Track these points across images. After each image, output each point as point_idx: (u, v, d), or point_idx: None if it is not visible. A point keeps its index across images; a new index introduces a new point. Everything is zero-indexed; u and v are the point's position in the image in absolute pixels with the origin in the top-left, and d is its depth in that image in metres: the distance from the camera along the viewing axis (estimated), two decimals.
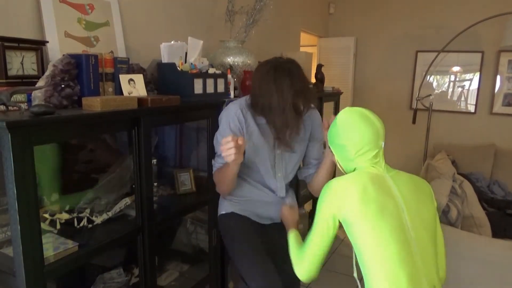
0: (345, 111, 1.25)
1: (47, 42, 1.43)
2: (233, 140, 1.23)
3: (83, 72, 1.38)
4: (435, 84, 4.03)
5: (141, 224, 1.47)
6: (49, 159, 1.43)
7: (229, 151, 1.24)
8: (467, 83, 3.90)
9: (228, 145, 1.23)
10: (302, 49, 3.81)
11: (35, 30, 1.44)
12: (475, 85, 3.85)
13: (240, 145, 1.25)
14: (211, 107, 1.79)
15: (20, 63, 1.30)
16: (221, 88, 1.90)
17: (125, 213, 1.52)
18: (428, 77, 3.99)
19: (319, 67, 3.22)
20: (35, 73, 1.35)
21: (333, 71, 4.18)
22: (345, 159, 1.26)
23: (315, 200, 3.52)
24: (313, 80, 3.21)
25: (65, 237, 1.29)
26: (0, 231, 1.23)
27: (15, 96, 1.16)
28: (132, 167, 1.45)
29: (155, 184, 1.72)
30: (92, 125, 1.28)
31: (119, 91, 1.52)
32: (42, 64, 1.38)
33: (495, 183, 3.47)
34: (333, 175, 1.45)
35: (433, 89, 4.04)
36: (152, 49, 1.91)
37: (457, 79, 3.94)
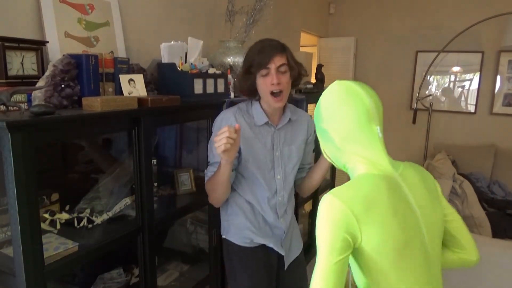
0: (330, 86, 1.03)
1: (47, 42, 1.43)
2: (228, 130, 1.15)
3: (83, 72, 1.38)
4: (435, 84, 4.03)
5: (141, 224, 1.47)
6: (49, 159, 1.43)
7: (222, 140, 1.15)
8: (467, 83, 3.90)
9: (223, 135, 1.16)
10: (302, 49, 3.81)
11: (35, 30, 1.44)
12: (475, 85, 3.85)
13: (235, 135, 1.17)
14: (211, 107, 1.79)
15: (20, 63, 1.30)
16: (221, 88, 1.90)
17: (125, 213, 1.52)
18: (428, 77, 4.00)
19: (319, 67, 3.22)
20: (35, 73, 1.35)
21: (333, 71, 4.18)
22: (331, 148, 1.02)
23: (315, 200, 3.52)
24: (313, 80, 3.21)
25: (65, 237, 1.29)
26: (0, 231, 1.23)
27: (15, 96, 1.16)
28: (132, 167, 1.45)
29: (155, 184, 1.72)
30: (92, 125, 1.28)
31: (119, 91, 1.52)
32: (42, 64, 1.38)
33: (495, 183, 3.47)
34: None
35: (433, 89, 4.04)
36: (152, 49, 1.91)
37: (457, 79, 3.94)
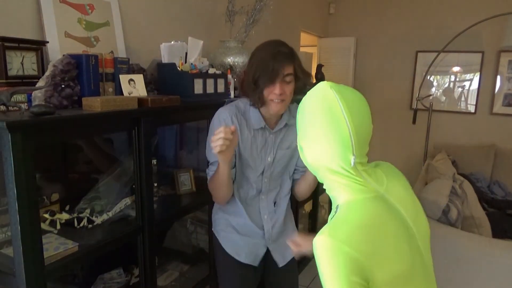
0: (313, 95, 0.87)
1: (47, 42, 1.43)
2: (224, 131, 1.14)
3: (83, 72, 1.38)
4: (435, 84, 4.03)
5: (141, 224, 1.47)
6: (49, 159, 1.43)
7: (218, 141, 1.14)
8: (467, 83, 3.90)
9: (219, 135, 1.15)
10: (302, 49, 3.81)
11: (35, 30, 1.44)
12: (475, 85, 3.85)
13: (231, 136, 1.16)
14: (211, 107, 1.78)
15: (20, 63, 1.30)
16: (221, 88, 1.90)
17: (125, 213, 1.52)
18: (428, 77, 3.99)
19: (319, 67, 3.22)
20: (35, 73, 1.35)
21: (333, 71, 4.18)
22: (307, 163, 0.93)
23: (315, 200, 3.51)
24: (313, 80, 3.21)
25: (65, 237, 1.29)
26: (0, 231, 1.23)
27: (15, 96, 1.16)
28: (132, 167, 1.45)
29: (155, 184, 1.72)
30: (92, 125, 1.28)
31: (119, 91, 1.52)
32: (42, 64, 1.38)
33: (495, 184, 3.47)
34: None
35: (433, 89, 4.04)
36: (152, 49, 1.91)
37: (457, 79, 3.94)
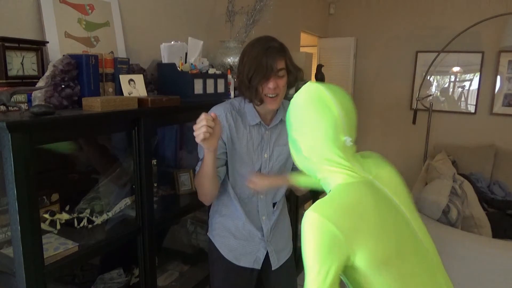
0: (301, 92, 0.96)
1: (47, 42, 1.43)
2: (206, 119, 1.13)
3: (83, 72, 1.38)
4: (435, 84, 4.03)
5: (141, 224, 1.47)
6: (49, 159, 1.43)
7: (200, 129, 1.13)
8: (467, 84, 3.90)
9: (201, 123, 1.14)
10: (302, 49, 3.81)
11: (35, 30, 1.44)
12: (475, 85, 3.85)
13: (213, 123, 1.15)
14: (211, 107, 1.79)
15: (20, 63, 1.30)
16: (221, 89, 1.90)
17: (125, 214, 1.52)
18: (428, 77, 3.99)
19: (319, 67, 3.22)
20: (35, 73, 1.35)
21: (333, 71, 4.18)
22: (300, 156, 0.98)
23: (315, 200, 3.52)
24: (313, 81, 3.21)
25: (65, 237, 1.29)
26: (0, 231, 1.23)
27: (15, 96, 1.16)
28: (132, 167, 1.45)
29: (155, 184, 1.72)
30: (92, 125, 1.28)
31: (119, 91, 1.52)
32: (42, 64, 1.38)
33: (495, 184, 3.47)
34: None
35: (433, 89, 4.04)
36: (152, 49, 1.91)
37: (457, 79, 3.94)
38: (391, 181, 0.95)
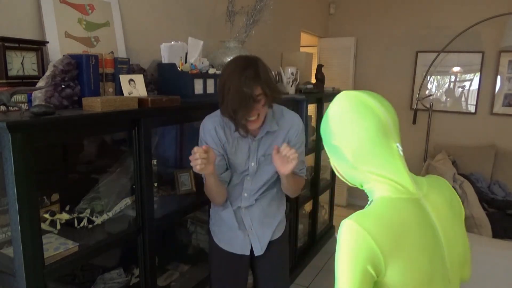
0: (338, 98, 0.92)
1: (48, 42, 1.43)
2: (198, 152, 1.27)
3: (83, 72, 1.38)
4: (435, 84, 4.03)
5: (141, 224, 1.47)
6: (49, 159, 1.43)
7: (195, 161, 1.27)
8: (467, 84, 3.90)
9: (194, 156, 1.27)
10: (302, 49, 3.81)
11: (35, 31, 1.44)
12: (475, 85, 3.85)
13: (205, 155, 1.28)
14: (211, 107, 1.78)
15: (21, 63, 1.31)
16: None
17: (125, 213, 1.52)
18: (429, 77, 3.99)
19: (319, 67, 3.22)
20: (35, 73, 1.35)
21: (333, 71, 4.18)
22: (344, 166, 0.93)
23: (315, 200, 3.51)
24: (313, 81, 3.21)
25: (65, 237, 1.29)
26: (1, 231, 1.23)
27: (15, 96, 1.16)
28: (132, 167, 1.45)
29: (155, 184, 1.72)
30: (92, 125, 1.28)
31: (119, 91, 1.52)
32: (42, 64, 1.38)
33: (495, 184, 3.47)
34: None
35: (433, 89, 4.04)
36: (152, 49, 1.91)
37: (458, 79, 3.94)
38: (442, 207, 0.89)
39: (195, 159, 1.27)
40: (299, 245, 2.95)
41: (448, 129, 4.01)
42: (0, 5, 1.33)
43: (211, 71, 1.86)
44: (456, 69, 3.91)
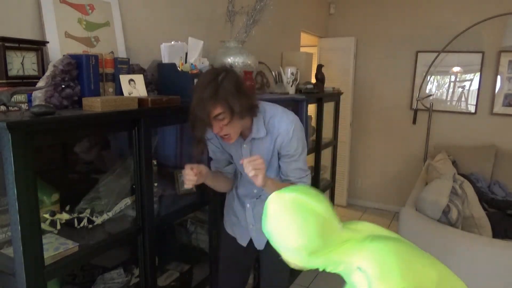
0: (271, 208, 0.93)
1: (48, 42, 1.43)
2: (188, 173, 1.36)
3: (83, 72, 1.38)
4: (435, 84, 4.03)
5: (141, 224, 1.47)
6: (49, 159, 1.43)
7: (186, 181, 1.37)
8: (467, 84, 3.90)
9: (185, 176, 1.37)
10: (302, 49, 3.81)
11: (35, 31, 1.44)
12: (475, 85, 3.85)
13: (195, 178, 1.37)
14: None
15: (21, 63, 1.30)
16: None
17: (125, 213, 1.52)
18: (429, 77, 3.99)
19: (319, 67, 3.22)
20: (35, 73, 1.35)
21: (333, 71, 4.18)
22: (304, 261, 0.95)
23: None
24: (313, 81, 3.21)
25: (66, 237, 1.29)
26: (1, 231, 1.23)
27: (15, 96, 1.16)
28: (133, 167, 1.45)
29: (155, 184, 1.72)
30: (92, 125, 1.28)
31: (119, 91, 1.52)
32: (42, 64, 1.38)
33: (495, 184, 3.47)
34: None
35: (433, 89, 4.04)
36: (152, 49, 1.91)
37: (458, 79, 3.94)
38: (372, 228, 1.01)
39: (186, 179, 1.37)
40: None
41: (448, 129, 4.01)
42: (0, 5, 1.33)
43: None
44: (456, 69, 3.91)
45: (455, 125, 3.98)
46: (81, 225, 1.38)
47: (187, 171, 1.36)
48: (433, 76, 4.01)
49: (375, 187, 4.44)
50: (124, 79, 1.52)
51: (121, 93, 1.51)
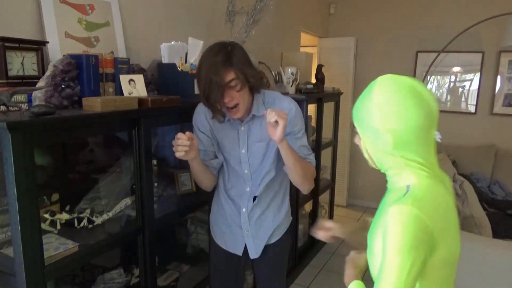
0: (386, 82, 0.89)
1: (48, 42, 1.43)
2: (181, 139, 1.28)
3: (83, 72, 1.38)
4: (435, 84, 4.03)
5: (141, 224, 1.47)
6: (49, 159, 1.43)
7: (178, 147, 1.29)
8: (467, 84, 3.90)
9: (177, 142, 1.28)
10: (303, 49, 3.81)
11: (35, 31, 1.44)
12: (475, 85, 3.85)
13: (188, 143, 1.28)
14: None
15: (21, 63, 1.31)
16: None
17: (125, 213, 1.52)
18: (429, 77, 3.99)
19: (319, 67, 3.22)
20: (35, 73, 1.35)
21: (333, 71, 4.18)
22: (378, 149, 0.91)
23: (315, 200, 3.50)
24: (313, 81, 3.21)
25: (66, 237, 1.29)
26: (1, 231, 1.23)
27: (15, 96, 1.16)
28: (133, 167, 1.45)
29: (155, 184, 1.72)
30: (92, 125, 1.28)
31: (119, 91, 1.52)
32: (42, 64, 1.38)
33: (495, 184, 3.47)
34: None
35: (433, 89, 4.04)
36: (152, 49, 1.91)
37: (458, 79, 3.94)
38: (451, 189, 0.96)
39: (177, 145, 1.28)
40: (299, 245, 2.95)
41: (448, 129, 4.01)
42: (0, 5, 1.33)
43: None
44: (456, 69, 3.91)
45: (455, 125, 3.98)
46: (81, 225, 1.38)
47: (179, 135, 1.28)
48: (433, 76, 4.01)
49: (375, 187, 4.44)
50: (124, 79, 1.52)
51: (121, 93, 1.51)
